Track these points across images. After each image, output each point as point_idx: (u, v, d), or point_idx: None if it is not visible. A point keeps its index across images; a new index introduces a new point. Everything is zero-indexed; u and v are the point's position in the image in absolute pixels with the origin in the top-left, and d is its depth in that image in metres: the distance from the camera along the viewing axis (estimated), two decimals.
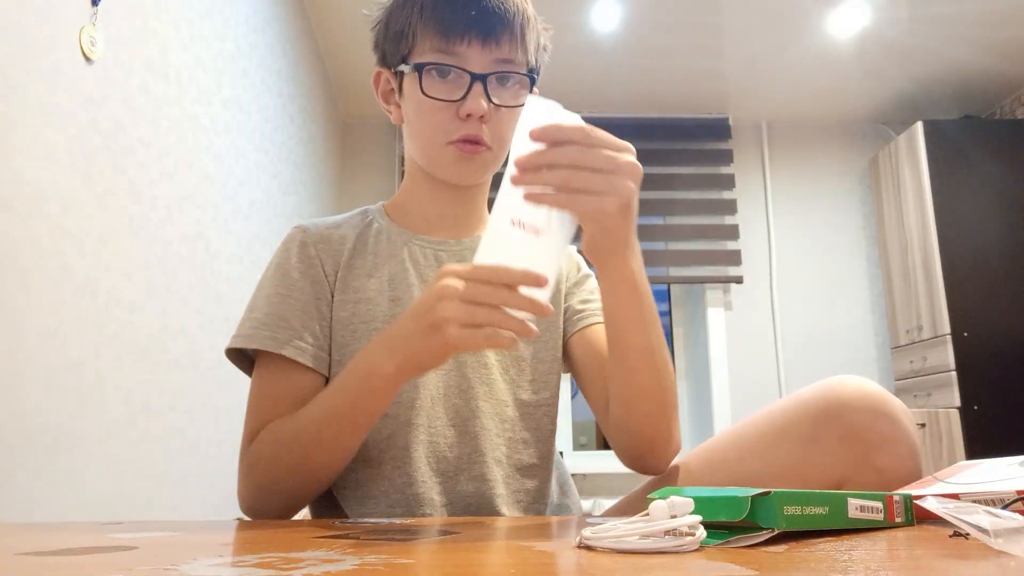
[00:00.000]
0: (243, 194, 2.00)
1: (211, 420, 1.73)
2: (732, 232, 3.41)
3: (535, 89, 0.82)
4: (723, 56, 3.05)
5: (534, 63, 0.83)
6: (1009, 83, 3.26)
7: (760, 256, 3.44)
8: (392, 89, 0.85)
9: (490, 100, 0.77)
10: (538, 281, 0.56)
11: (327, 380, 0.80)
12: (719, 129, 3.49)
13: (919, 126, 3.06)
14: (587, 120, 0.57)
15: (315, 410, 0.70)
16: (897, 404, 0.67)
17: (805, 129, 3.59)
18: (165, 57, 1.51)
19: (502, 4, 0.77)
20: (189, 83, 1.63)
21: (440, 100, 0.77)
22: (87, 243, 1.22)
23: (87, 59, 1.21)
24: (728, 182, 3.45)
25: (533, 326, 0.57)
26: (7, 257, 1.01)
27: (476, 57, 0.77)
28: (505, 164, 0.77)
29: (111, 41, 1.29)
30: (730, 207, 3.44)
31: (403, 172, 0.90)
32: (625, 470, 0.88)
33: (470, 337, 0.57)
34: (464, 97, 0.77)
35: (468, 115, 0.77)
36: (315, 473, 0.72)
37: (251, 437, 0.76)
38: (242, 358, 0.81)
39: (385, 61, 0.85)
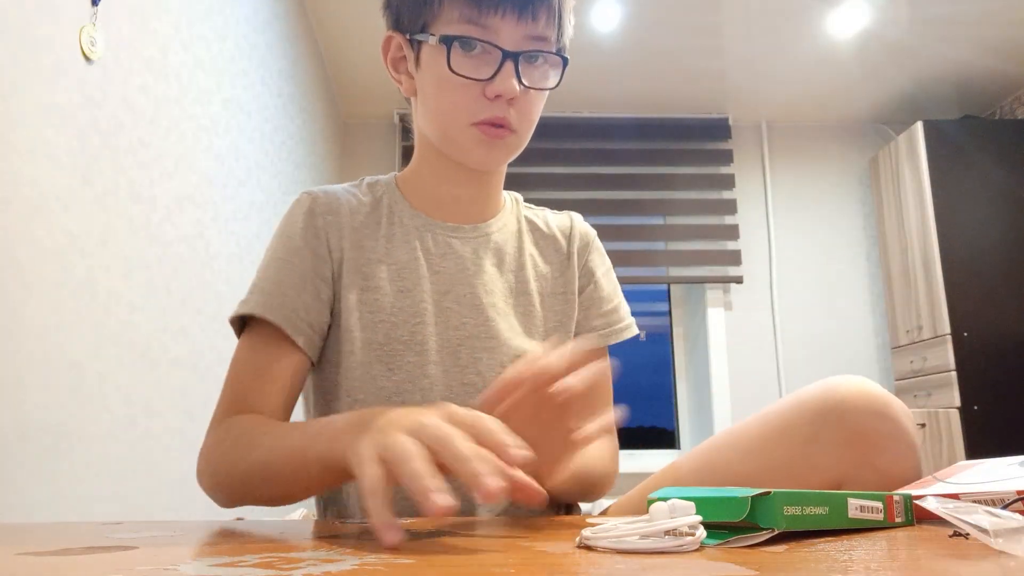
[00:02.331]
0: (243, 194, 2.00)
1: None
2: (732, 232, 3.41)
3: None
4: (723, 56, 3.05)
5: (566, 44, 0.76)
6: (1009, 83, 3.26)
7: (760, 256, 3.44)
8: (403, 57, 0.79)
9: (520, 81, 0.71)
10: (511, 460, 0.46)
11: (312, 364, 0.77)
12: (719, 129, 3.49)
13: (919, 126, 3.05)
14: (587, 120, 0.57)
15: (275, 441, 0.62)
16: (897, 404, 0.66)
17: (805, 129, 3.59)
18: (165, 57, 1.51)
19: None
20: (189, 83, 1.63)
21: (467, 78, 0.71)
22: (87, 243, 1.22)
23: (87, 59, 1.21)
24: (728, 182, 3.45)
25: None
26: (7, 257, 1.01)
27: (509, 32, 0.71)
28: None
29: (111, 41, 1.29)
30: (730, 207, 3.44)
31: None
32: (625, 470, 0.88)
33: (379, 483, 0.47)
34: (493, 76, 0.71)
35: (497, 96, 0.71)
36: (264, 498, 0.65)
37: (226, 409, 0.71)
38: (242, 326, 0.76)
39: (400, 26, 0.77)
